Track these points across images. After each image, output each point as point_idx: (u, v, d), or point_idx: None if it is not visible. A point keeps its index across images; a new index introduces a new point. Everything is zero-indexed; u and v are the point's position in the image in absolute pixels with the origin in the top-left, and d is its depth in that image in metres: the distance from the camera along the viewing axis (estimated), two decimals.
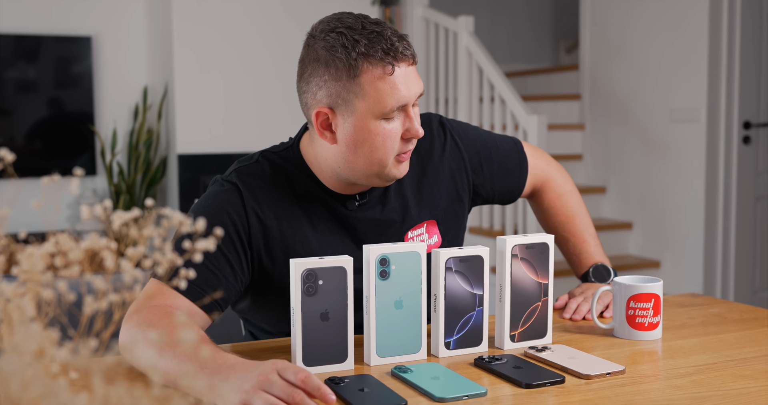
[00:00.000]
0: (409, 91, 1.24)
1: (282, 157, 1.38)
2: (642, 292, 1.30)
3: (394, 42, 1.23)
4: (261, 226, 1.31)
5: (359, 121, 1.25)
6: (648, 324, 1.30)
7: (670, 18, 4.27)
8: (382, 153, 1.26)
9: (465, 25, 4.33)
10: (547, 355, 1.19)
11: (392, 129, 1.26)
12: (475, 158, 1.48)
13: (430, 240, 1.43)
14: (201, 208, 1.32)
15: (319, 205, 1.35)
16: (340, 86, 1.24)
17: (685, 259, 4.23)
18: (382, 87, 1.22)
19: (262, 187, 1.33)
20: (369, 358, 1.18)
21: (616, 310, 1.33)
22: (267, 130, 4.34)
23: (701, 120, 4.09)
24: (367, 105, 1.23)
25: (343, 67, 1.22)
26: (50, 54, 4.24)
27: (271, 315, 1.41)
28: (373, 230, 1.38)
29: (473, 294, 1.23)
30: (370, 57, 1.21)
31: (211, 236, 1.27)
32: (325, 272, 1.13)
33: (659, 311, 1.32)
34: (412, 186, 1.43)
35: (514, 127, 4.08)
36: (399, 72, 1.23)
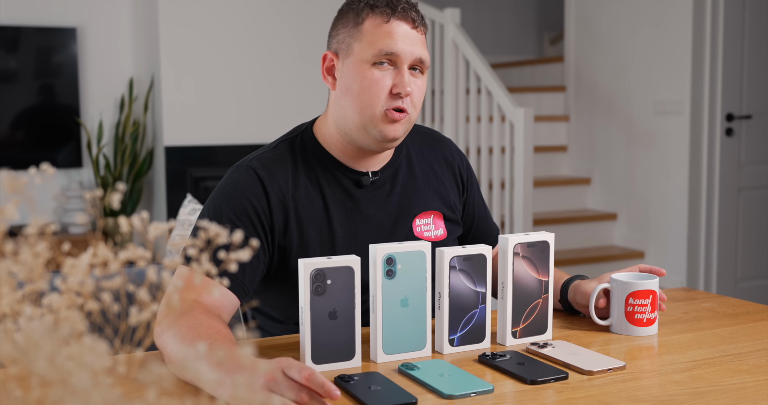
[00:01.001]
0: (402, 45, 1.34)
1: (299, 141, 1.45)
2: (641, 289, 1.34)
3: (401, 2, 1.36)
4: (281, 208, 1.37)
5: (353, 63, 1.36)
6: (646, 320, 1.34)
7: (654, 10, 4.31)
8: (367, 98, 1.35)
9: (451, 17, 4.35)
10: (549, 351, 1.23)
11: (380, 77, 1.35)
12: (469, 190, 1.59)
13: (437, 231, 1.49)
14: (222, 194, 1.38)
15: (334, 186, 1.42)
16: (346, 32, 1.38)
17: (668, 249, 4.29)
18: (376, 32, 1.35)
19: (280, 172, 1.40)
20: (376, 356, 1.20)
21: (614, 307, 1.36)
22: (254, 122, 4.34)
23: (685, 112, 4.14)
24: (361, 47, 1.35)
25: (353, 15, 1.37)
26: (33, 44, 4.21)
27: (284, 300, 1.44)
28: (383, 211, 1.44)
29: (476, 292, 1.26)
30: (374, 7, 1.36)
31: (236, 227, 1.31)
32: (333, 272, 1.15)
33: (656, 307, 1.35)
34: (423, 174, 1.51)
35: (500, 119, 4.11)
36: (397, 26, 1.35)
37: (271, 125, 4.32)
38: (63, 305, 0.56)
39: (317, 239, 1.39)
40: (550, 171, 4.98)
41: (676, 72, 4.18)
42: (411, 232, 1.46)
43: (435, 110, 4.60)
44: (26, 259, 0.56)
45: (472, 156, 4.26)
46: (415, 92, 1.36)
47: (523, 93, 5.06)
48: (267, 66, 4.32)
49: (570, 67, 4.99)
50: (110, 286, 0.60)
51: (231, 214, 1.34)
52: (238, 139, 4.32)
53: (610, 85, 4.67)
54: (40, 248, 0.55)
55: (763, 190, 4.28)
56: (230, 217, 1.34)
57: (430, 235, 1.48)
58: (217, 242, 0.62)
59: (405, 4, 1.36)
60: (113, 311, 0.58)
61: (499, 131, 4.09)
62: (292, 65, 4.39)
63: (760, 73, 4.19)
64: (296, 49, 4.39)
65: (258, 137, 4.32)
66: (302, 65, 4.39)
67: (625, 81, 4.54)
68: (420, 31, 1.37)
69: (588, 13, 4.84)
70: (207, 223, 1.30)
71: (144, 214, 0.62)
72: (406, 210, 1.46)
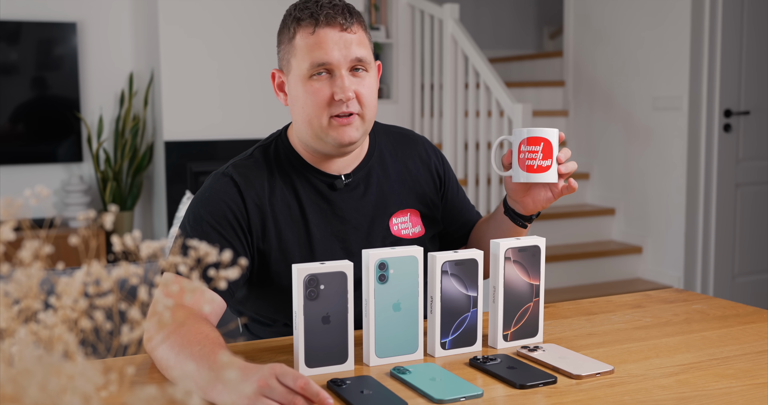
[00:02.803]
0: (333, 53, 1.36)
1: (273, 148, 1.49)
2: (531, 136, 1.38)
3: (324, 7, 1.36)
4: (258, 212, 1.40)
5: (293, 79, 1.40)
6: (537, 166, 1.37)
7: (652, 6, 4.31)
8: (310, 110, 1.38)
9: (450, 12, 4.36)
10: (539, 354, 1.24)
11: (318, 89, 1.37)
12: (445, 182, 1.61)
13: (414, 228, 1.53)
14: (200, 201, 1.41)
15: (309, 189, 1.45)
16: (284, 49, 1.42)
17: (666, 244, 4.30)
18: (306, 45, 1.37)
19: (256, 176, 1.43)
20: (368, 359, 1.22)
21: (513, 157, 1.40)
22: (254, 117, 4.35)
23: (683, 108, 4.15)
24: (297, 63, 1.38)
25: (286, 31, 1.41)
26: (33, 39, 4.22)
27: (267, 304, 1.47)
28: (359, 211, 1.47)
29: (468, 296, 1.28)
30: (300, 20, 1.38)
31: (216, 232, 1.34)
32: (326, 277, 1.17)
33: (550, 155, 1.38)
34: (397, 174, 1.53)
35: (499, 114, 4.12)
36: (324, 35, 1.36)
37: (269, 120, 4.33)
38: (56, 324, 0.58)
39: (295, 241, 1.42)
40: None
41: (674, 67, 4.19)
42: (388, 231, 1.49)
43: (434, 105, 4.61)
44: (21, 279, 0.58)
45: (470, 151, 4.27)
46: (362, 92, 1.38)
47: (522, 88, 5.07)
48: (265, 61, 4.33)
49: (569, 62, 5.00)
50: (103, 304, 0.62)
51: (211, 219, 1.37)
52: (238, 133, 4.34)
53: (609, 80, 4.67)
54: (34, 270, 0.57)
55: (760, 186, 4.29)
56: (210, 222, 1.37)
57: (408, 233, 1.51)
58: (207, 260, 0.64)
59: (329, 10, 1.36)
60: (106, 329, 0.60)
61: (497, 126, 4.10)
62: None
63: (759, 69, 4.20)
64: None
65: (257, 132, 4.33)
66: None
67: (624, 76, 4.55)
68: (352, 31, 1.37)
69: (588, 8, 4.84)
70: (189, 231, 1.34)
71: (136, 233, 0.64)
72: (382, 209, 1.49)
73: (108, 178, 4.29)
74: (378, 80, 1.45)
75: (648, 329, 1.41)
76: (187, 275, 0.66)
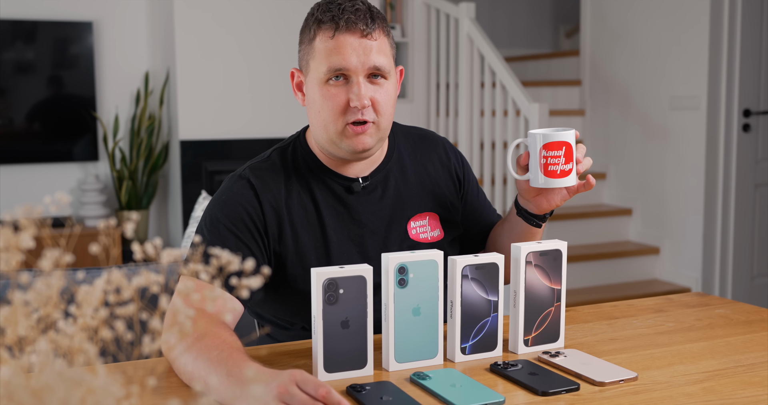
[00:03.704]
0: (351, 59, 1.33)
1: (291, 149, 1.47)
2: (554, 140, 1.35)
3: (347, 12, 1.34)
4: (275, 215, 1.39)
5: (311, 82, 1.39)
6: (560, 171, 1.35)
7: (671, 4, 4.28)
8: (326, 115, 1.36)
9: (466, 11, 4.33)
10: (561, 360, 1.23)
11: (335, 94, 1.35)
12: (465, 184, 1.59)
13: (433, 232, 1.50)
14: (216, 204, 1.40)
15: (326, 193, 1.43)
16: (304, 49, 1.40)
17: (684, 245, 4.27)
18: (324, 49, 1.35)
19: (273, 179, 1.42)
20: (388, 364, 1.21)
21: (531, 161, 1.38)
22: (270, 116, 4.35)
23: (701, 107, 4.11)
24: (315, 66, 1.37)
25: (307, 31, 1.39)
26: (50, 38, 4.23)
27: (284, 308, 1.46)
28: (376, 215, 1.45)
29: (488, 300, 1.26)
30: (322, 23, 1.35)
31: (233, 234, 1.33)
32: (345, 281, 1.16)
33: (572, 159, 1.36)
34: (415, 176, 1.51)
35: (515, 114, 4.09)
36: (344, 40, 1.33)
37: (284, 120, 4.33)
38: (77, 334, 0.57)
39: (311, 245, 1.41)
40: None
41: (692, 67, 4.15)
42: (406, 235, 1.47)
43: (450, 104, 4.59)
44: (41, 288, 0.57)
45: (486, 150, 4.25)
46: (379, 99, 1.36)
47: (538, 87, 5.04)
48: (282, 60, 4.32)
49: (586, 61, 4.96)
50: (124, 314, 0.60)
51: (227, 222, 1.36)
52: (253, 133, 4.33)
53: (626, 79, 4.64)
54: (54, 279, 0.56)
55: None
56: (226, 225, 1.36)
57: (426, 237, 1.49)
58: (229, 269, 0.63)
59: (350, 14, 1.33)
60: (127, 340, 0.58)
61: (513, 125, 4.08)
62: None
63: None
64: None
65: (272, 131, 4.33)
66: None
67: (641, 75, 4.51)
68: (372, 37, 1.34)
69: (604, 6, 4.80)
70: (206, 233, 1.33)
71: (157, 240, 0.63)
72: (400, 213, 1.47)
73: (123, 177, 4.30)
74: (399, 86, 1.43)
75: (671, 334, 1.39)
76: (208, 282, 0.65)
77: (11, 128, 4.22)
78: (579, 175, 1.38)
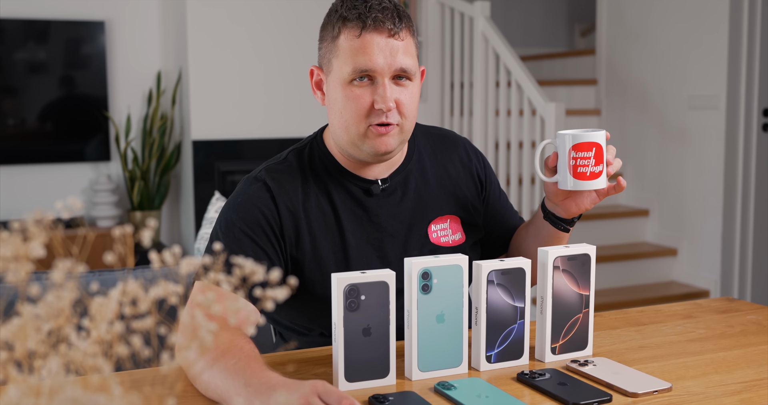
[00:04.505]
0: (378, 60, 1.29)
1: (308, 151, 1.42)
2: (583, 141, 1.30)
3: (374, 10, 1.29)
4: (291, 219, 1.34)
5: (333, 81, 1.33)
6: (590, 173, 1.30)
7: (689, 1, 4.21)
8: (348, 116, 1.31)
9: (481, 9, 4.28)
10: (591, 369, 1.18)
11: (359, 95, 1.31)
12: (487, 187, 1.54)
13: (454, 236, 1.46)
14: (232, 206, 1.36)
15: (344, 195, 1.39)
16: (326, 47, 1.35)
17: (702, 247, 4.21)
18: (350, 48, 1.30)
19: (290, 182, 1.37)
20: (411, 373, 1.17)
21: (559, 162, 1.33)
22: (284, 116, 4.31)
23: (720, 107, 4.05)
24: (339, 65, 1.31)
25: (330, 28, 1.33)
26: (62, 38, 4.21)
27: (301, 314, 1.41)
28: (396, 218, 1.41)
29: (515, 307, 1.21)
30: (347, 21, 1.30)
31: (249, 238, 1.28)
32: (367, 287, 1.12)
33: (602, 160, 1.31)
34: (436, 178, 1.47)
35: (531, 113, 4.04)
36: (371, 40, 1.28)
37: (299, 120, 4.29)
38: (90, 350, 0.53)
39: (330, 249, 1.36)
40: None
41: (711, 66, 4.09)
42: (427, 239, 1.43)
43: (464, 104, 4.54)
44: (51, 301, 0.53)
45: (501, 150, 4.20)
46: (403, 101, 1.31)
47: (553, 86, 4.98)
48: (295, 60, 4.28)
49: (602, 60, 4.90)
50: (140, 328, 0.56)
51: (243, 225, 1.32)
52: (266, 133, 4.30)
53: (642, 78, 4.58)
54: (66, 292, 0.52)
55: None
56: (242, 228, 1.31)
57: (448, 241, 1.44)
58: (253, 279, 0.59)
59: (378, 13, 1.28)
60: (144, 356, 0.54)
61: (529, 125, 4.03)
62: None
63: None
64: None
65: (286, 131, 4.29)
66: None
67: (659, 74, 4.45)
68: (399, 37, 1.30)
69: (621, 4, 4.74)
70: (221, 237, 1.29)
71: (176, 248, 0.58)
72: (420, 216, 1.43)
73: (136, 178, 4.27)
74: (420, 87, 1.38)
75: (703, 342, 1.34)
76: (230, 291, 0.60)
77: (23, 128, 4.19)
78: (609, 177, 1.34)
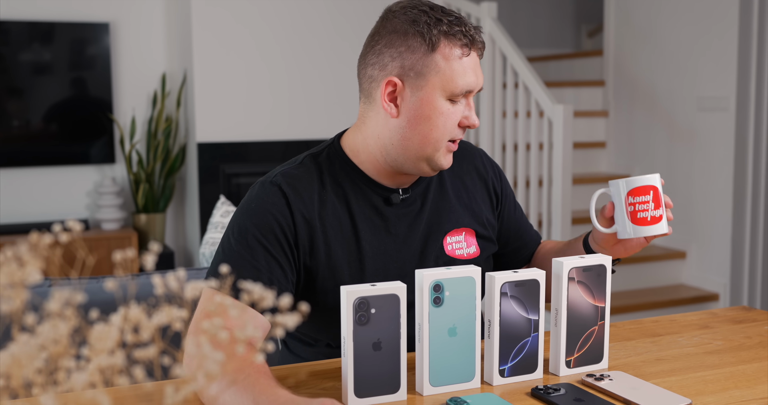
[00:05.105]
0: (477, 79, 1.29)
1: (325, 156, 1.38)
2: (639, 185, 1.27)
3: (471, 29, 1.28)
4: (306, 226, 1.30)
5: (428, 95, 1.27)
6: (650, 218, 1.27)
7: (699, 3, 4.17)
8: (439, 133, 1.29)
9: (488, 11, 4.25)
10: (607, 384, 1.15)
11: (454, 112, 1.29)
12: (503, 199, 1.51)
13: (469, 249, 1.42)
14: (246, 211, 1.32)
15: (363, 203, 1.35)
16: (416, 59, 1.26)
17: (711, 250, 4.17)
18: (456, 67, 1.26)
19: (306, 188, 1.33)
20: (422, 388, 1.13)
21: (616, 211, 1.30)
22: (289, 118, 4.28)
23: (730, 109, 4.00)
24: (440, 81, 1.26)
25: (423, 41, 1.26)
26: (66, 40, 4.18)
27: (310, 323, 1.37)
28: (413, 229, 1.37)
29: (528, 319, 1.18)
30: (450, 36, 1.26)
31: (262, 246, 1.25)
32: (377, 300, 1.08)
33: (660, 203, 1.28)
34: (454, 190, 1.44)
35: (538, 115, 4.00)
36: (471, 58, 1.28)
37: (305, 122, 4.26)
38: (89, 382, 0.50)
39: (345, 259, 1.33)
40: (588, 168, 4.86)
41: (721, 66, 4.04)
42: (442, 251, 1.39)
43: None
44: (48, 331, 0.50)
45: (508, 152, 4.17)
46: None
47: (560, 87, 4.95)
48: (301, 63, 4.25)
49: (609, 61, 4.86)
50: (143, 357, 0.53)
51: (256, 232, 1.28)
52: (272, 135, 4.27)
53: (651, 79, 4.54)
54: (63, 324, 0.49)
55: None
56: (255, 235, 1.27)
57: (462, 253, 1.41)
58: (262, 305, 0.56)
59: (474, 31, 1.28)
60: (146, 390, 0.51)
61: (536, 127, 3.99)
62: (327, 63, 4.31)
63: None
64: (330, 47, 4.32)
65: (291, 134, 4.26)
66: (336, 64, 4.31)
67: (667, 76, 4.41)
68: (482, 54, 1.31)
69: (628, 5, 4.70)
70: (233, 243, 1.25)
71: (181, 272, 0.55)
72: (437, 227, 1.39)
73: (140, 180, 4.25)
74: None
75: (721, 354, 1.30)
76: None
77: (28, 130, 4.17)
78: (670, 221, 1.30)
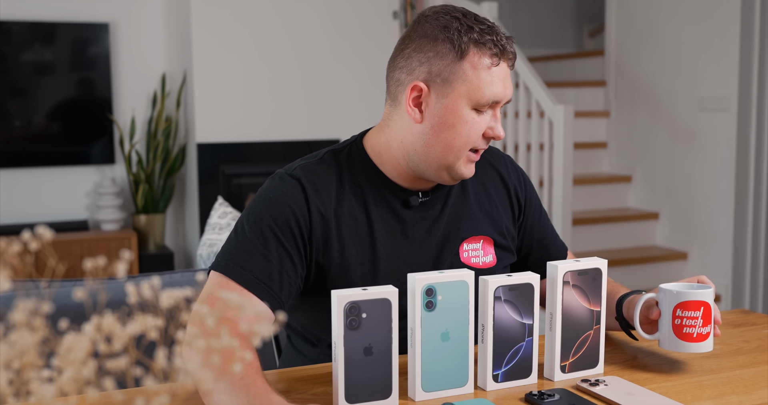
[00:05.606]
0: (505, 90, 1.27)
1: (346, 154, 1.36)
2: (690, 300, 1.21)
3: (502, 38, 1.25)
4: (322, 223, 1.28)
5: (453, 103, 1.26)
6: (696, 335, 1.21)
7: (700, 3, 4.15)
8: (462, 142, 1.27)
9: (489, 10, 4.23)
10: (602, 390, 1.13)
11: (479, 122, 1.27)
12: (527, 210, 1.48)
13: (485, 258, 1.39)
14: (263, 201, 1.29)
15: (381, 205, 1.33)
16: (443, 65, 1.25)
17: (713, 250, 4.15)
18: (484, 76, 1.24)
19: (324, 184, 1.31)
20: (414, 394, 1.12)
21: (662, 319, 1.24)
22: (289, 118, 4.27)
23: (732, 109, 3.98)
24: (467, 90, 1.25)
25: (452, 47, 1.24)
26: (66, 40, 4.17)
27: (315, 320, 1.36)
28: (430, 233, 1.35)
29: (523, 324, 1.17)
30: (480, 45, 1.24)
31: (275, 237, 1.23)
32: (368, 305, 1.07)
33: (709, 321, 1.22)
34: (475, 196, 1.41)
35: (539, 115, 3.99)
36: (501, 68, 1.26)
37: (304, 122, 4.25)
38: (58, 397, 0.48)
39: (358, 259, 1.30)
40: (590, 168, 4.85)
41: (722, 67, 4.02)
42: (457, 257, 1.36)
43: None
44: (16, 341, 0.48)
45: (509, 152, 4.15)
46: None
47: (561, 87, 4.93)
48: (300, 63, 4.24)
49: (611, 61, 4.84)
50: (115, 367, 0.52)
51: (272, 223, 1.25)
52: (272, 135, 4.25)
53: (652, 80, 4.52)
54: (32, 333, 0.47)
55: None
56: (271, 225, 1.25)
57: (478, 262, 1.37)
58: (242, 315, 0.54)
59: (505, 40, 1.25)
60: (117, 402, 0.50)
61: (537, 127, 3.97)
62: (326, 64, 4.30)
63: None
64: (330, 48, 4.31)
65: (291, 134, 4.25)
66: (336, 64, 4.30)
67: (669, 76, 4.39)
68: (513, 66, 1.29)
69: (630, 5, 4.69)
70: (247, 231, 1.23)
71: (155, 280, 0.54)
72: (454, 233, 1.36)
73: (140, 181, 4.24)
74: None
75: (718, 359, 1.29)
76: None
77: (29, 130, 4.17)
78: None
